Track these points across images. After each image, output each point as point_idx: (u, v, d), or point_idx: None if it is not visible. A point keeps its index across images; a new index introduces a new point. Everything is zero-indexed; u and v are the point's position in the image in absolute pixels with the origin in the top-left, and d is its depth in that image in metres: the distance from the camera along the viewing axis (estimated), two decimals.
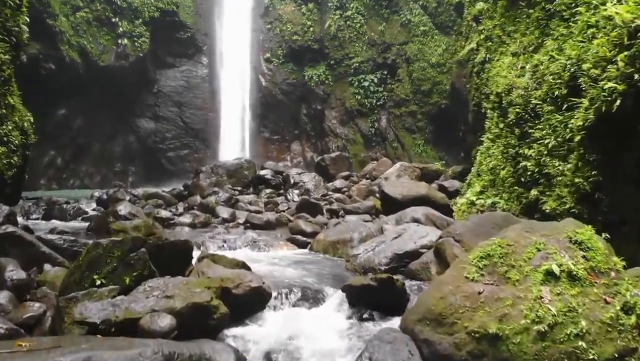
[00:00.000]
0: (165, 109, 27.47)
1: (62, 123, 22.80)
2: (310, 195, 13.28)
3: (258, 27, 28.74)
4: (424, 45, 25.24)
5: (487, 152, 10.46)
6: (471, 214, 9.83)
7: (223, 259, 5.49)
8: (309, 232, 8.76)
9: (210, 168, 14.60)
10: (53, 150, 22.72)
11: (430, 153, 25.07)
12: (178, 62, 27.84)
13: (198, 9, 27.84)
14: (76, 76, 22.33)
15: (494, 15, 11.68)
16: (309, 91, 28.18)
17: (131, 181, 26.42)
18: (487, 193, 9.96)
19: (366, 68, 26.92)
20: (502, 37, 10.96)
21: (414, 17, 25.53)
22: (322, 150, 28.30)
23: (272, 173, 14.49)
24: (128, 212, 8.74)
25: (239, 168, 14.70)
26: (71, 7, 22.38)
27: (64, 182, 23.36)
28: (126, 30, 24.46)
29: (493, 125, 10.46)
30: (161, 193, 13.31)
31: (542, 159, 7.96)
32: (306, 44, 27.96)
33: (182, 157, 27.77)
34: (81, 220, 11.04)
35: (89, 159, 24.64)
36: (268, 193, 13.71)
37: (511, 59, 10.17)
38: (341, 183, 13.45)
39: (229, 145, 28.02)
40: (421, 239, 6.23)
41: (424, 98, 25.10)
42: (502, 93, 9.91)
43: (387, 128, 26.41)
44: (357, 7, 26.97)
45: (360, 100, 26.84)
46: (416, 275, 5.87)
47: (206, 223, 9.88)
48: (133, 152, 26.65)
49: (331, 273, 6.34)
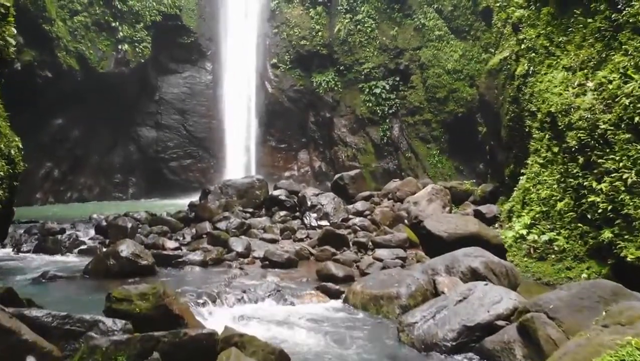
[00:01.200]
0: (168, 117, 26.28)
1: (59, 134, 21.59)
2: (330, 219, 12.10)
3: (264, 31, 27.55)
4: (439, 51, 24.06)
5: (536, 178, 9.28)
6: (523, 251, 8.66)
7: (254, 343, 4.30)
8: (341, 277, 7.59)
9: (219, 187, 13.40)
10: (50, 162, 21.50)
11: (446, 164, 23.89)
12: (181, 68, 26.65)
13: (202, 13, 26.66)
14: (74, 84, 21.14)
15: (537, 23, 10.50)
16: (317, 98, 26.98)
17: (131, 193, 25.24)
18: (539, 226, 8.77)
19: (377, 74, 25.73)
20: (550, 49, 9.77)
21: (428, 21, 24.34)
22: (330, 160, 27.15)
23: (287, 193, 13.29)
24: (131, 252, 7.55)
25: (250, 188, 13.49)
26: (69, 11, 21.18)
27: (61, 195, 22.15)
28: (126, 35, 23.27)
29: (543, 148, 9.28)
30: (166, 218, 12.11)
31: (619, 196, 6.77)
32: (314, 49, 26.76)
33: (185, 167, 26.58)
34: (78, 252, 9.87)
35: (87, 171, 23.43)
36: (282, 216, 12.52)
37: (564, 74, 8.99)
38: (363, 206, 12.26)
39: (234, 154, 26.84)
40: (495, 306, 5.05)
41: (439, 106, 23.91)
42: (557, 113, 8.73)
43: (399, 138, 25.22)
44: (368, 11, 25.78)
45: (371, 108, 25.64)
46: (494, 356, 4.68)
47: (219, 260, 8.71)
48: (133, 162, 25.45)
49: (384, 348, 5.14)
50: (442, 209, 10.81)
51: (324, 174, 27.36)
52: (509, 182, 12.73)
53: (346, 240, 9.46)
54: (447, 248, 7.67)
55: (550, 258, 8.16)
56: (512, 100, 12.25)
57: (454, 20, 23.91)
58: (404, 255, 8.78)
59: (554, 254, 8.19)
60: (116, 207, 21.10)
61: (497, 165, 14.07)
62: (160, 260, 8.39)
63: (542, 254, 8.32)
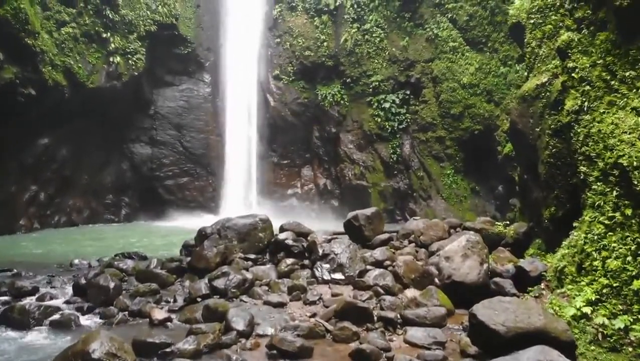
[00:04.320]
0: (163, 132, 24.70)
1: (44, 154, 20.00)
2: (345, 271, 10.48)
3: (266, 41, 25.99)
4: (453, 63, 22.49)
5: (599, 241, 7.68)
6: (588, 335, 7.06)
7: None
8: None
9: (217, 230, 11.75)
10: (34, 184, 19.91)
11: (461, 185, 22.33)
12: (177, 81, 25.07)
13: (200, 22, 25.08)
14: (60, 101, 19.57)
15: (591, 50, 8.91)
16: (322, 112, 25.43)
17: (124, 214, 23.66)
18: (608, 305, 7.18)
19: (386, 87, 24.17)
20: (612, 83, 8.19)
21: (442, 32, 22.76)
22: (336, 177, 25.60)
23: (294, 236, 11.65)
24: (105, 352, 5.95)
25: (253, 230, 11.86)
26: (55, 22, 19.60)
27: (47, 219, 20.56)
28: (119, 47, 21.69)
29: (608, 206, 7.69)
30: (155, 272, 10.46)
31: None
32: (319, 60, 25.20)
33: (182, 186, 24.99)
34: (49, 325, 8.26)
35: (76, 192, 21.84)
36: (289, 265, 10.90)
37: (637, 118, 7.41)
38: (382, 254, 10.66)
39: (234, 171, 25.28)
40: None
41: (454, 123, 22.33)
42: (631, 168, 7.15)
43: (410, 155, 23.64)
44: (377, 20, 24.21)
45: (380, 123, 24.08)
46: None
47: (215, 346, 7.12)
48: (126, 181, 23.86)
49: None
50: (479, 266, 9.22)
51: (329, 192, 25.84)
52: (548, 226, 11.17)
53: (369, 315, 7.88)
54: (502, 343, 6.11)
55: (627, 351, 6.62)
56: (554, 133, 10.67)
57: (470, 30, 22.34)
58: (443, 339, 7.21)
59: (631, 346, 6.63)
60: (106, 233, 19.55)
61: (531, 202, 12.48)
62: (143, 350, 6.81)
63: (614, 344, 6.77)
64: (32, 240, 16.95)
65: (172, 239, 17.78)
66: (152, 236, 18.51)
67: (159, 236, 18.70)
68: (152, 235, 18.93)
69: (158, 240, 17.27)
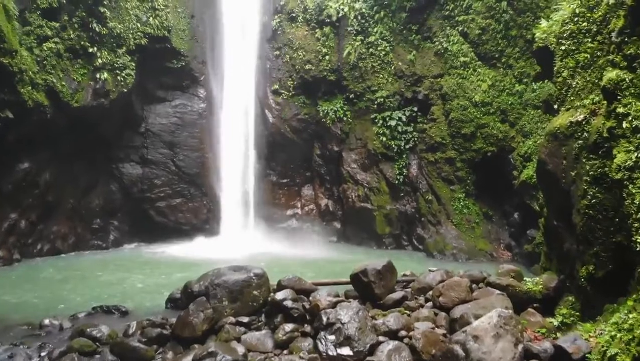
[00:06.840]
0: (155, 151, 23.22)
1: (25, 180, 18.51)
2: (353, 345, 9.01)
3: (264, 53, 24.52)
4: (464, 80, 21.01)
5: None
6: None
7: None
8: None
9: (204, 288, 10.26)
10: (14, 212, 18.43)
11: (473, 209, 20.86)
12: (170, 96, 23.58)
13: (194, 33, 23.59)
14: (42, 122, 18.14)
15: None
16: (324, 129, 23.98)
17: (112, 239, 22.15)
18: None
19: (392, 104, 22.71)
20: None
21: (452, 46, 21.27)
22: (338, 197, 24.16)
23: (293, 295, 10.17)
24: None
25: (246, 287, 10.37)
26: (36, 38, 18.14)
27: (29, 248, 19.09)
28: (106, 62, 20.18)
29: None
30: (132, 345, 8.96)
31: None
32: (321, 74, 23.74)
33: (174, 207, 23.48)
34: None
35: (60, 218, 20.35)
36: (288, 333, 9.45)
37: None
38: (397, 322, 9.22)
39: (230, 191, 23.83)
40: None
41: (465, 144, 20.85)
42: None
43: (418, 177, 22.18)
44: (382, 32, 22.73)
45: (385, 142, 22.61)
46: None
47: None
48: (115, 204, 22.38)
49: None
50: (513, 349, 7.80)
51: (331, 213, 24.40)
52: (585, 285, 9.77)
53: None
54: None
55: None
56: (594, 181, 9.28)
57: (482, 45, 20.85)
58: None
59: None
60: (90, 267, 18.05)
61: (562, 253, 11.05)
62: None
63: None
64: (6, 280, 15.47)
65: (160, 276, 16.39)
66: (138, 271, 17.04)
67: (147, 270, 17.25)
68: (139, 268, 17.45)
69: (144, 280, 15.78)
